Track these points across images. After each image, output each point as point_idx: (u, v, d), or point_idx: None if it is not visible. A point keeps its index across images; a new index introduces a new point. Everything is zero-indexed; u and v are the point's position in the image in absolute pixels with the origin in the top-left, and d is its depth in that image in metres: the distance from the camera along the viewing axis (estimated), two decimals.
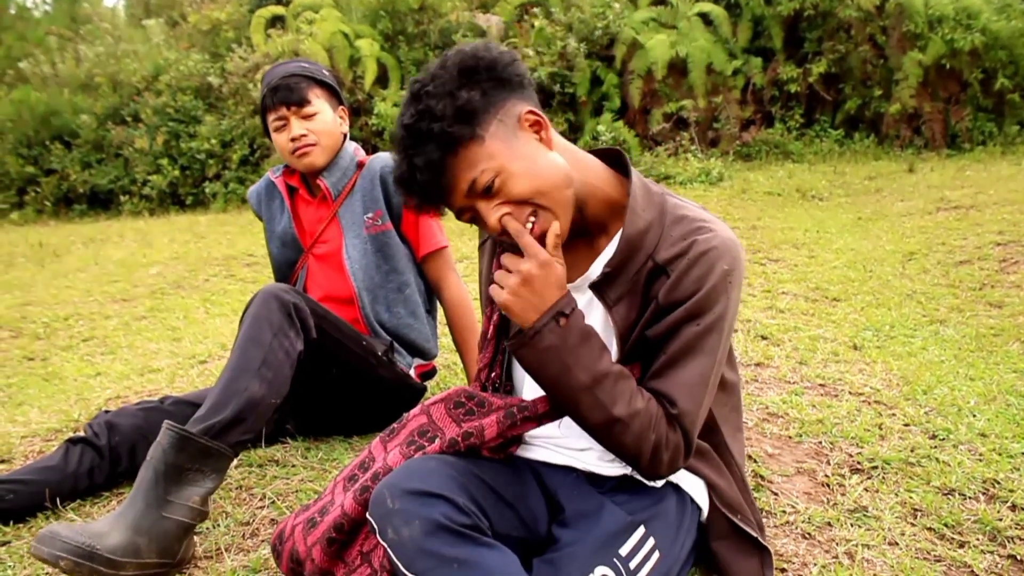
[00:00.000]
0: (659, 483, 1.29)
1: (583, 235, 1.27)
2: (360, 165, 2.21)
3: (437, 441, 1.23)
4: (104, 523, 1.41)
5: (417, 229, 2.19)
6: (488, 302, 1.36)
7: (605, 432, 1.14)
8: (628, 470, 1.28)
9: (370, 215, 2.15)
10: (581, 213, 1.21)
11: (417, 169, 1.13)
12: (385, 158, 2.20)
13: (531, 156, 1.15)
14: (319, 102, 2.12)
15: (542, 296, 1.12)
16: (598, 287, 1.22)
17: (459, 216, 1.20)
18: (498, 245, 1.28)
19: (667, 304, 1.17)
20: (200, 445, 1.50)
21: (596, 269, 1.25)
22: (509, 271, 1.14)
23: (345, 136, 2.22)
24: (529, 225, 1.15)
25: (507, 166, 1.13)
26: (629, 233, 1.19)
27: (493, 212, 1.14)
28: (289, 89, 2.07)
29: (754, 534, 1.31)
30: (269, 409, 1.63)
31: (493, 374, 1.35)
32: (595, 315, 1.25)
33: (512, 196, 1.13)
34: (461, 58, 1.15)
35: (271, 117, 2.11)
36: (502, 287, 1.14)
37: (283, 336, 1.68)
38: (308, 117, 2.09)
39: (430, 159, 1.11)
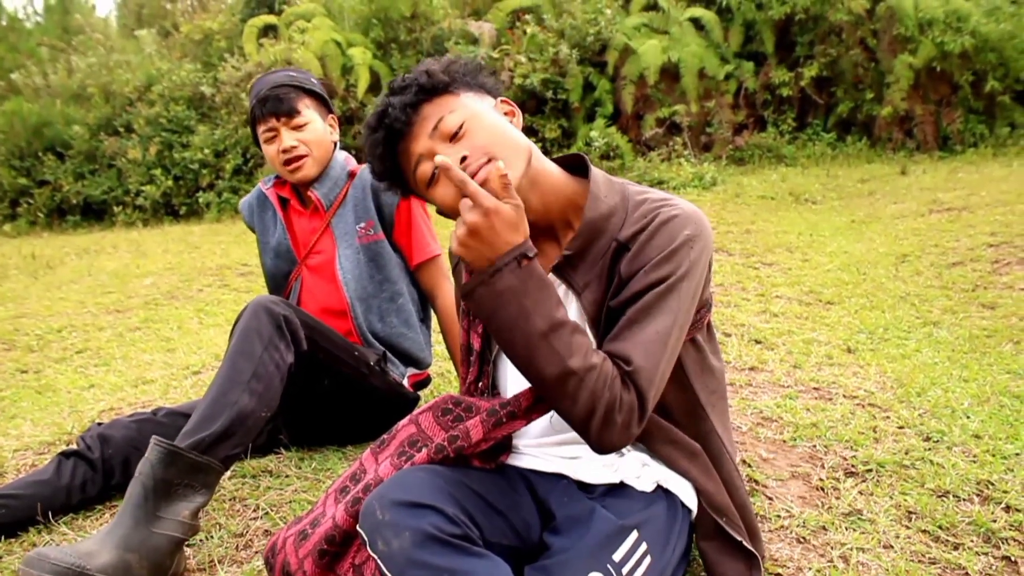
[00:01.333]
0: (646, 484, 1.26)
1: (549, 233, 1.30)
2: (352, 175, 2.20)
3: (425, 450, 1.22)
4: (93, 542, 1.39)
5: (410, 238, 2.18)
6: (464, 316, 1.35)
7: (559, 387, 1.09)
8: (619, 479, 1.28)
9: (362, 224, 2.15)
10: (544, 207, 1.25)
11: (391, 106, 1.23)
12: None
13: (500, 121, 1.25)
14: (309, 112, 2.10)
15: (492, 244, 1.09)
16: (561, 271, 1.24)
17: (415, 172, 1.24)
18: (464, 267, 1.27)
19: (629, 275, 1.18)
20: (189, 460, 1.49)
21: None
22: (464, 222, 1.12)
23: (335, 144, 2.22)
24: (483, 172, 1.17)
25: (476, 117, 1.22)
26: (591, 216, 1.23)
27: (451, 155, 1.18)
28: (279, 100, 2.06)
29: (739, 538, 1.30)
30: (259, 422, 1.62)
31: (480, 383, 1.35)
32: (569, 306, 1.25)
33: (474, 143, 1.19)
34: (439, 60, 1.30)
35: (261, 128, 2.10)
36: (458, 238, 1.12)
37: (273, 349, 1.67)
38: (299, 127, 2.08)
39: (406, 101, 1.23)
